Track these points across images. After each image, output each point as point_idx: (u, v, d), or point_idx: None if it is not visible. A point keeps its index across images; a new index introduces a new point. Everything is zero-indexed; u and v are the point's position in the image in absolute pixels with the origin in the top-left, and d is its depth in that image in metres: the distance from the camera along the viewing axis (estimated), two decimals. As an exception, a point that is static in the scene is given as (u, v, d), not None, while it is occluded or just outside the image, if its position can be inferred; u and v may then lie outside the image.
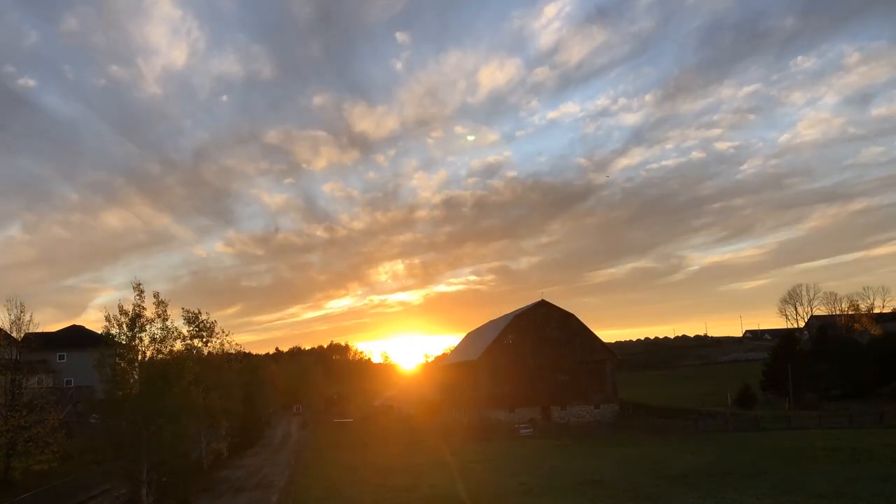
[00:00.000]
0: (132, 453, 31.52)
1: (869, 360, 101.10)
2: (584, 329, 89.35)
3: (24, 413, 42.39)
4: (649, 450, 54.76)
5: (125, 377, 32.41)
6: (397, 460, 53.07)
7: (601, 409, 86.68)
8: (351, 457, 57.18)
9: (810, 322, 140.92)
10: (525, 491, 36.98)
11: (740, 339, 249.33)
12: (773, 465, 43.96)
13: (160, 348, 34.65)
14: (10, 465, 42.12)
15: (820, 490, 34.16)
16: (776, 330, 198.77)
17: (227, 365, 60.99)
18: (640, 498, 33.83)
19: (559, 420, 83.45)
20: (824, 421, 71.59)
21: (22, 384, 45.26)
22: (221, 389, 57.43)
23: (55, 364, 77.11)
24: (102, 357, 32.12)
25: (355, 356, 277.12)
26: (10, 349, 45.16)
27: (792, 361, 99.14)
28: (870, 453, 47.79)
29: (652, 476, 40.57)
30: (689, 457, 49.32)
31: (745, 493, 33.90)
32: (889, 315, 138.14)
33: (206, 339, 55.27)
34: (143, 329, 33.26)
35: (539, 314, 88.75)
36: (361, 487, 39.98)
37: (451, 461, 51.27)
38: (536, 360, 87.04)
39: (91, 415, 50.43)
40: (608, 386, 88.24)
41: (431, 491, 37.88)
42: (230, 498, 41.27)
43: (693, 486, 36.49)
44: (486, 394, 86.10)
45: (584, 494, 35.33)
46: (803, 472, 40.48)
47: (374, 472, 46.09)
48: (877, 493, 32.87)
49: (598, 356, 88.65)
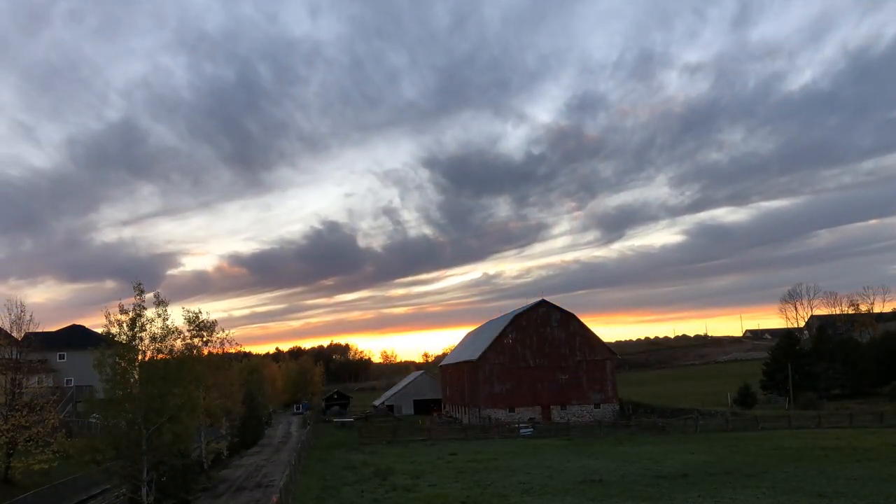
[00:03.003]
0: (132, 453, 31.51)
1: (869, 360, 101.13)
2: (584, 329, 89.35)
3: (24, 413, 42.32)
4: (649, 449, 54.75)
5: (125, 377, 32.37)
6: (397, 460, 53.07)
7: (601, 408, 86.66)
8: (351, 457, 57.19)
9: (810, 322, 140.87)
10: (525, 491, 36.97)
11: (740, 338, 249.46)
12: (773, 464, 43.95)
13: (160, 348, 34.65)
14: (11, 465, 42.09)
15: (820, 490, 34.17)
16: (776, 330, 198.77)
17: (227, 365, 60.99)
18: (640, 498, 33.83)
19: (559, 420, 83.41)
20: (824, 421, 71.61)
21: (22, 384, 45.23)
22: (221, 389, 57.45)
23: (55, 364, 77.04)
24: (102, 357, 32.04)
25: (356, 356, 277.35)
26: (11, 349, 45.15)
27: (792, 361, 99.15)
28: (870, 453, 47.83)
29: (652, 476, 40.57)
30: (689, 456, 49.32)
31: (745, 493, 33.90)
32: (889, 315, 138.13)
33: (207, 338, 55.22)
34: (143, 328, 33.25)
35: (539, 314, 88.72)
36: (361, 487, 39.97)
37: (450, 461, 51.27)
38: (536, 360, 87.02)
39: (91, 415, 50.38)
40: (608, 386, 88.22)
41: (431, 491, 37.88)
42: (230, 497, 41.31)
43: (693, 486, 36.48)
44: (486, 394, 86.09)
45: (584, 494, 35.32)
46: (803, 472, 40.49)
47: (373, 471, 46.08)
48: (877, 493, 32.88)
49: (598, 356, 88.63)
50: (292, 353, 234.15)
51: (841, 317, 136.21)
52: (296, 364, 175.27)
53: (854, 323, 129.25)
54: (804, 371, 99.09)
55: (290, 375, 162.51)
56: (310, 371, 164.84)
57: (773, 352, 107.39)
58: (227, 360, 61.27)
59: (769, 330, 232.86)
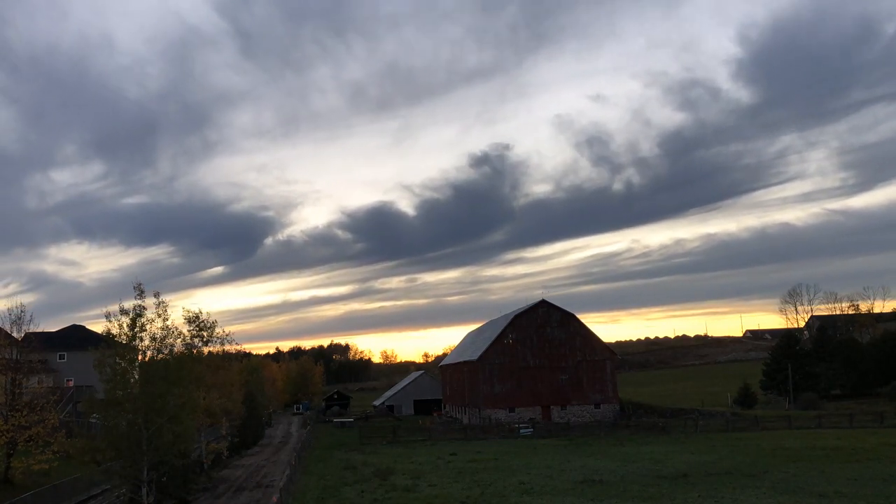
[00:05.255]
0: (132, 453, 31.47)
1: (869, 360, 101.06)
2: (584, 329, 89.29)
3: (24, 413, 42.32)
4: (649, 449, 54.74)
5: (125, 377, 32.35)
6: (397, 460, 53.06)
7: (601, 408, 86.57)
8: (351, 457, 57.17)
9: (810, 322, 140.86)
10: (525, 490, 36.97)
11: (740, 338, 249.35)
12: (773, 464, 43.95)
13: (160, 348, 34.62)
14: (11, 465, 42.10)
15: (820, 490, 34.17)
16: (776, 330, 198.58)
17: (227, 365, 60.94)
18: (640, 498, 33.83)
19: (559, 420, 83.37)
20: (824, 421, 71.61)
21: (22, 384, 45.22)
22: (221, 389, 57.44)
23: (55, 364, 77.02)
24: (102, 357, 32.04)
25: (356, 355, 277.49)
26: (11, 349, 45.15)
27: (792, 361, 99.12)
28: (870, 453, 47.83)
29: (652, 476, 40.57)
30: (689, 456, 49.32)
31: (745, 493, 33.91)
32: (889, 315, 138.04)
33: (207, 338, 55.14)
34: (143, 329, 33.22)
35: (539, 314, 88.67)
36: (361, 487, 39.96)
37: (450, 461, 51.26)
38: (536, 360, 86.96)
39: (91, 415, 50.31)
40: (608, 386, 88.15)
41: (431, 491, 37.86)
42: (230, 497, 41.31)
43: (693, 486, 36.49)
44: (486, 394, 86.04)
45: (584, 494, 35.32)
46: (803, 472, 40.49)
47: (374, 471, 46.07)
48: (877, 493, 32.90)
49: (598, 356, 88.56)
50: (292, 353, 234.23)
51: (841, 317, 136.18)
52: (296, 364, 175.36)
53: (854, 323, 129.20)
54: (804, 371, 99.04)
55: (291, 375, 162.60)
56: (310, 371, 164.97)
57: (774, 352, 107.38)
58: (227, 359, 61.17)
59: (769, 330, 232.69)
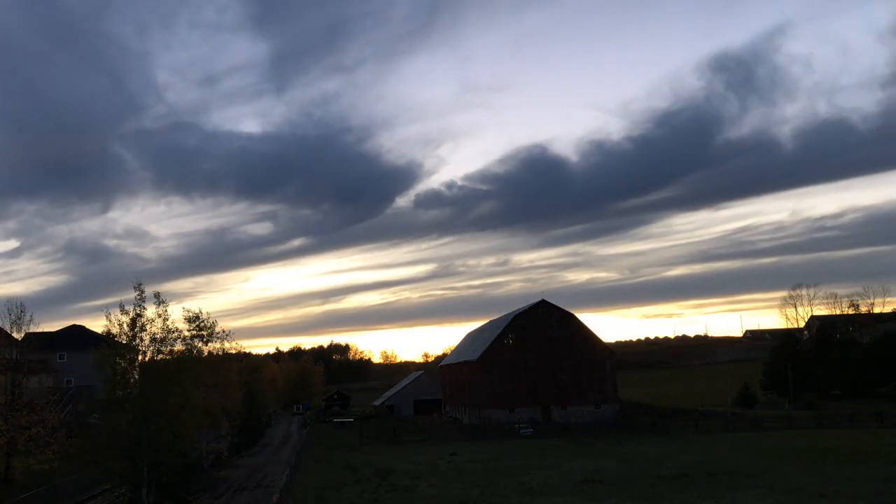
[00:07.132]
0: (132, 453, 31.49)
1: (869, 360, 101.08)
2: (584, 329, 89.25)
3: (24, 413, 42.36)
4: (649, 449, 54.74)
5: (125, 377, 32.39)
6: (397, 460, 53.06)
7: (601, 408, 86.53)
8: (351, 457, 57.17)
9: (810, 322, 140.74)
10: (525, 491, 36.98)
11: (740, 338, 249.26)
12: (773, 464, 43.95)
13: (160, 348, 34.64)
14: (11, 465, 42.16)
15: (820, 490, 34.17)
16: (776, 330, 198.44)
17: (227, 365, 60.85)
18: (640, 498, 33.84)
19: (559, 420, 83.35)
20: (824, 421, 71.62)
21: (22, 384, 45.25)
22: (221, 389, 57.30)
23: (55, 364, 76.95)
24: (102, 357, 32.08)
25: (356, 355, 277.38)
26: (11, 349, 45.18)
27: (792, 361, 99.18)
28: (870, 453, 47.83)
29: (652, 476, 40.57)
30: (689, 456, 49.32)
31: (745, 493, 33.91)
32: (889, 315, 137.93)
33: (207, 339, 55.12)
34: (143, 329, 33.23)
35: (539, 314, 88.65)
36: (361, 487, 39.95)
37: (450, 461, 51.26)
38: (536, 360, 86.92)
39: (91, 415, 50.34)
40: (608, 386, 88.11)
41: (431, 491, 37.87)
42: (230, 498, 41.29)
43: (693, 486, 36.50)
44: (486, 394, 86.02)
45: (584, 494, 35.33)
46: (803, 472, 40.49)
47: (373, 471, 46.07)
48: (877, 493, 32.90)
49: (598, 356, 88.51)
50: (292, 353, 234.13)
51: (841, 317, 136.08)
52: (296, 364, 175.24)
53: (854, 323, 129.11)
54: (804, 371, 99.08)
55: (291, 375, 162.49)
56: (310, 371, 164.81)
57: (773, 352, 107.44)
58: (226, 360, 61.11)
59: (769, 330, 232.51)
